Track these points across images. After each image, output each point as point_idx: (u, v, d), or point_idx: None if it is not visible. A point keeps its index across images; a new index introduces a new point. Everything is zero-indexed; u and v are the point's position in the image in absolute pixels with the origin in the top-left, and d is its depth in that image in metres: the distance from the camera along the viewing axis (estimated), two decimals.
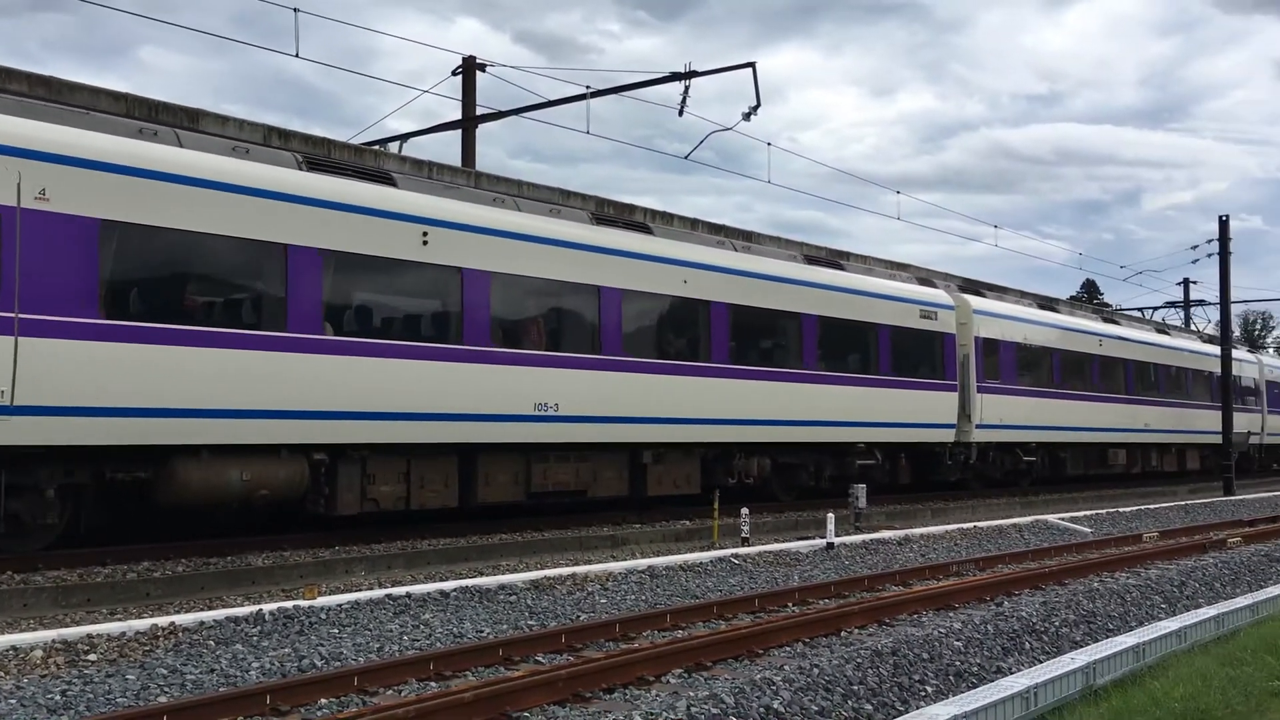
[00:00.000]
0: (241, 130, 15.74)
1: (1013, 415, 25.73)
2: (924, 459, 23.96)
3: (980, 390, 24.66)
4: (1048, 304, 31.61)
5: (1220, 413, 34.23)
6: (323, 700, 6.93)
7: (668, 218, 22.38)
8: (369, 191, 14.04)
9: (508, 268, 15.33)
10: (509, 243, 15.40)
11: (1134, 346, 32.71)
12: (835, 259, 24.05)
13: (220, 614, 9.22)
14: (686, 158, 23.87)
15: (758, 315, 19.36)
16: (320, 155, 15.61)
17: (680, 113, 21.23)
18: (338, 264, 13.50)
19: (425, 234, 14.35)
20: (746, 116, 21.16)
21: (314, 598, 9.96)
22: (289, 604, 9.65)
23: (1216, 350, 36.24)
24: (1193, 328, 48.97)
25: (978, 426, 24.43)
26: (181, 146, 12.59)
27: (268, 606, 9.50)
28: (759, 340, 19.62)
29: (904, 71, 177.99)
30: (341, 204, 13.58)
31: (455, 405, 14.51)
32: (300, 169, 13.67)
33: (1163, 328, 40.95)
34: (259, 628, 9.03)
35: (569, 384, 15.93)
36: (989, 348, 25.40)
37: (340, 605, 9.81)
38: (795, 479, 20.89)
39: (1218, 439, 34.22)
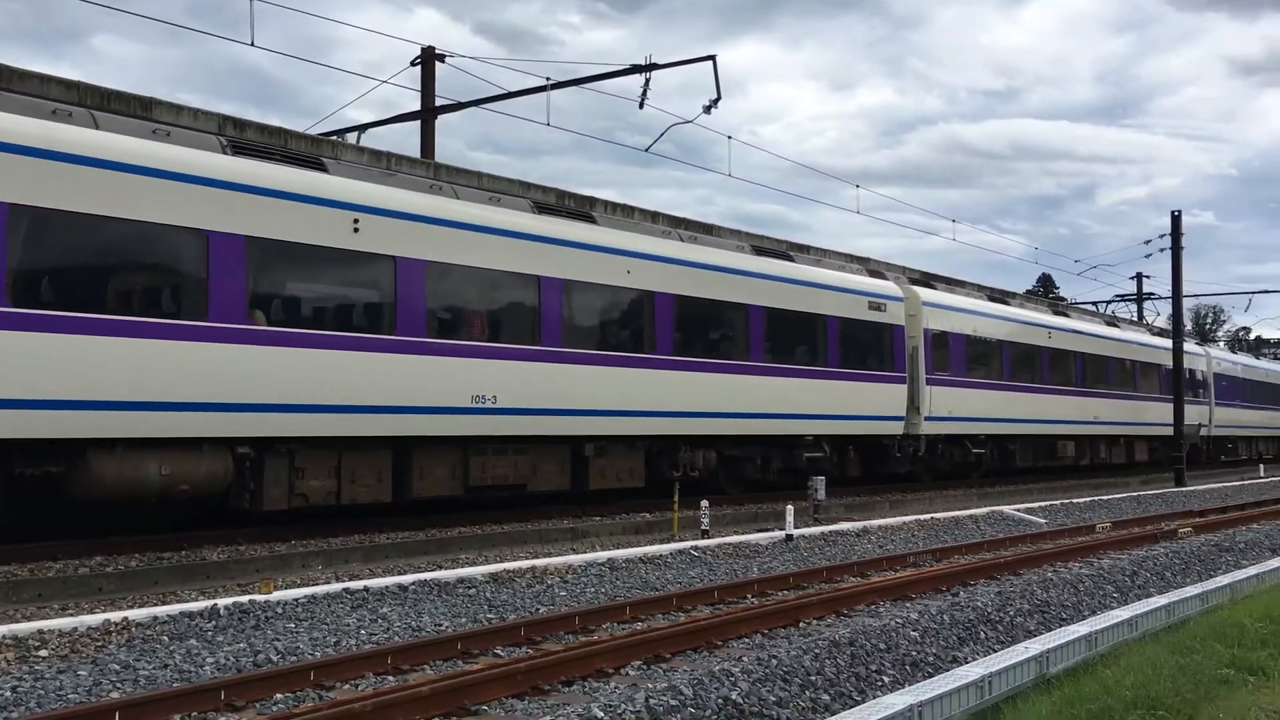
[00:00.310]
0: (196, 119, 15.81)
1: (962, 407, 26.50)
2: (873, 451, 24.63)
3: (929, 382, 25.38)
4: (999, 297, 32.51)
5: (1170, 405, 35.48)
6: (278, 695, 7.14)
7: (628, 210, 22.80)
8: (297, 177, 14.13)
9: (444, 256, 15.52)
10: (446, 231, 15.60)
11: (1084, 339, 33.74)
12: (784, 250, 24.58)
13: (174, 609, 9.41)
14: (647, 150, 24.20)
15: (703, 306, 19.78)
16: (246, 139, 15.67)
17: (641, 105, 21.64)
18: (264, 251, 13.58)
19: (356, 221, 14.49)
20: (707, 109, 21.66)
21: (270, 592, 10.17)
22: (244, 598, 9.87)
23: (1167, 343, 37.52)
24: (1145, 321, 50.48)
25: (926, 419, 25.15)
26: (98, 129, 12.58)
27: (223, 601, 9.72)
28: (705, 331, 20.02)
29: (863, 66, 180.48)
30: (267, 189, 13.65)
31: (388, 397, 14.68)
32: (225, 153, 13.70)
33: (1113, 320, 42.19)
34: (214, 623, 9.25)
35: (508, 375, 16.18)
36: (938, 340, 26.13)
37: (297, 599, 10.05)
38: (742, 472, 21.39)
39: (1167, 431, 35.44)
